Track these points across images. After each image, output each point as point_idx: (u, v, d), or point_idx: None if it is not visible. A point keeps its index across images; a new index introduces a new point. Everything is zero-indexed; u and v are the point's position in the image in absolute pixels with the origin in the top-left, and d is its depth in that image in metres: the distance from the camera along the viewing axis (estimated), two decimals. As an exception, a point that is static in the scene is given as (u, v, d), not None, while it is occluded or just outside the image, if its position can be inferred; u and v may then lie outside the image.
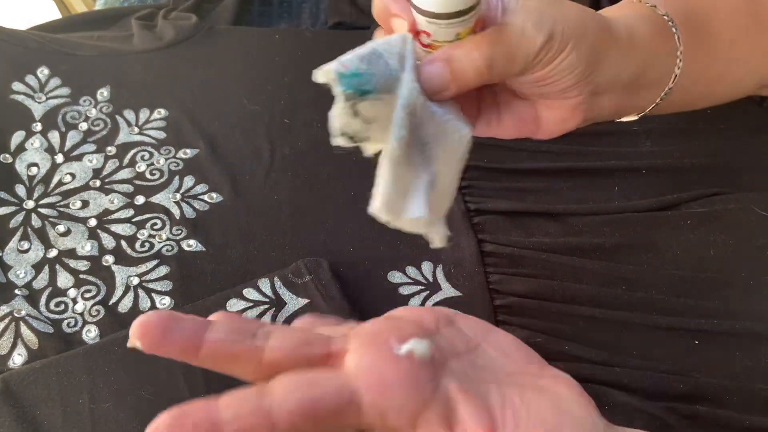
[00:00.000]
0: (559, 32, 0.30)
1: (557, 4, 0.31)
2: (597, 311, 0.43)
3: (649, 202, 0.49)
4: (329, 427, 0.23)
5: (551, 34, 0.30)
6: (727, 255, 0.46)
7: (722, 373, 0.41)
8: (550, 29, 0.30)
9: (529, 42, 0.29)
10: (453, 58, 0.29)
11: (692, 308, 0.44)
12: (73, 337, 0.42)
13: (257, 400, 0.22)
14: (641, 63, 0.34)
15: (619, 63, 0.33)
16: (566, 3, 0.31)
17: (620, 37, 0.33)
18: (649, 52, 0.35)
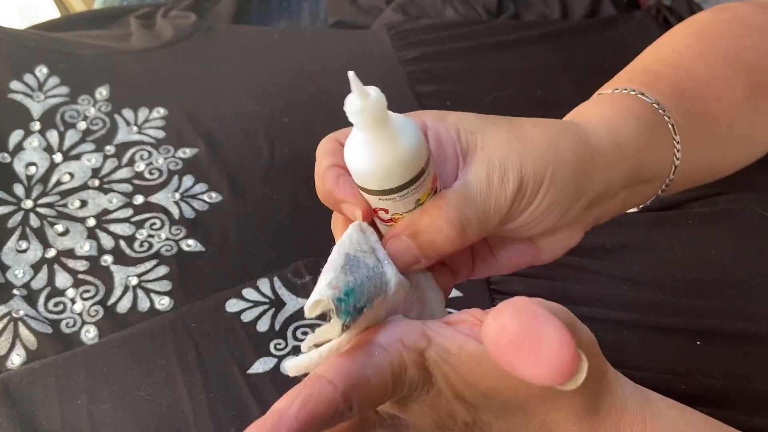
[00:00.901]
0: (530, 174, 0.27)
1: (521, 140, 0.27)
2: (598, 312, 0.43)
3: (651, 202, 0.48)
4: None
5: (521, 181, 0.26)
6: (729, 255, 0.46)
7: (723, 374, 0.41)
8: (519, 176, 0.26)
9: (498, 196, 0.26)
10: (419, 232, 0.26)
11: (693, 308, 0.43)
12: (72, 337, 0.42)
13: None
14: (633, 166, 0.31)
15: (607, 176, 0.30)
16: (531, 135, 0.28)
17: (604, 150, 0.29)
18: (640, 153, 0.31)
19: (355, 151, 0.24)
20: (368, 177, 0.25)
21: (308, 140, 0.53)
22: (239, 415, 0.38)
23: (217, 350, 0.40)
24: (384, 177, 0.24)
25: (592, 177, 0.29)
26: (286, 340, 0.41)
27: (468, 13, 0.65)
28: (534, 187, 0.27)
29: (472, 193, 0.26)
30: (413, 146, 0.24)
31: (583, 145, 0.29)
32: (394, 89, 0.56)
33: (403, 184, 0.25)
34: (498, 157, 0.26)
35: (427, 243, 0.26)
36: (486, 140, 0.27)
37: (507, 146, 0.27)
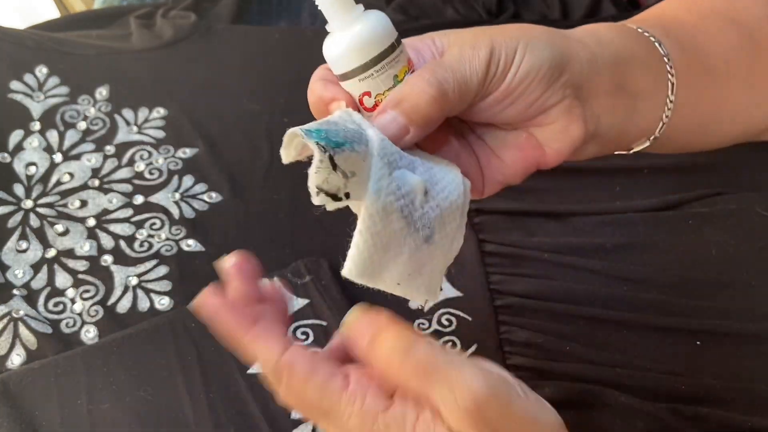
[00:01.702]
0: (501, 43, 0.28)
1: (492, 27, 0.29)
2: (598, 311, 0.43)
3: (651, 202, 0.48)
4: None
5: (492, 47, 0.28)
6: (729, 255, 0.46)
7: (724, 374, 0.41)
8: (489, 43, 0.28)
9: (472, 60, 0.28)
10: (401, 99, 0.27)
11: (694, 309, 0.43)
12: (72, 337, 0.42)
13: None
14: (616, 60, 0.31)
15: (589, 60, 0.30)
16: (503, 25, 0.30)
17: (581, 40, 0.31)
18: (624, 52, 0.32)
19: (330, 41, 0.27)
20: (343, 57, 0.27)
21: (308, 140, 0.53)
22: (239, 414, 0.38)
23: (217, 350, 0.40)
24: (356, 52, 0.27)
25: (570, 56, 0.29)
26: (287, 340, 0.41)
27: (468, 13, 0.65)
28: (508, 54, 0.28)
29: (448, 61, 0.28)
30: (378, 21, 0.27)
31: (555, 32, 0.30)
32: (394, 89, 0.56)
33: (376, 56, 0.27)
34: (469, 36, 0.29)
35: (411, 109, 0.27)
36: (459, 36, 0.29)
37: (478, 31, 0.29)
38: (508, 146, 0.32)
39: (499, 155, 0.32)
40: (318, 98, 0.29)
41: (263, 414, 0.38)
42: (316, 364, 0.25)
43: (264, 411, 0.38)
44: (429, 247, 0.27)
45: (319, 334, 0.41)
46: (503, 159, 0.32)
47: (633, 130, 0.34)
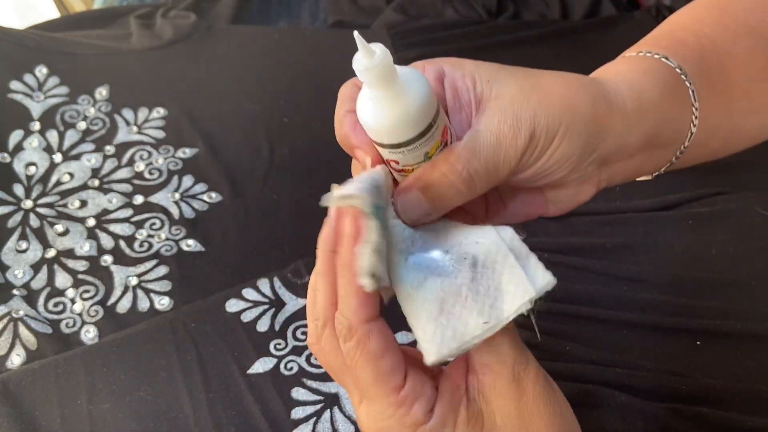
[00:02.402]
0: (543, 127, 0.26)
1: (537, 91, 0.27)
2: (598, 311, 0.43)
3: (651, 203, 0.48)
4: None
5: (533, 133, 0.26)
6: (729, 255, 0.46)
7: (724, 374, 0.41)
8: (531, 127, 0.26)
9: (509, 148, 0.26)
10: (428, 185, 0.27)
11: (694, 309, 0.43)
12: (72, 337, 0.42)
13: None
14: (652, 127, 0.31)
15: (624, 134, 0.29)
16: (547, 86, 0.27)
17: (623, 108, 0.29)
18: (661, 114, 0.31)
19: (365, 107, 0.25)
20: (377, 132, 0.26)
21: (308, 140, 0.53)
22: (239, 414, 0.38)
23: (217, 350, 0.40)
24: (392, 132, 0.25)
25: (607, 133, 0.29)
26: (286, 340, 0.41)
27: (468, 13, 0.65)
28: (546, 140, 0.27)
29: (482, 145, 0.26)
30: (420, 102, 0.24)
31: (601, 101, 0.29)
32: (394, 89, 0.56)
33: (410, 139, 0.25)
34: (511, 108, 0.26)
35: (437, 196, 0.27)
36: (501, 90, 0.27)
37: (521, 97, 0.27)
38: (515, 199, 0.32)
39: (505, 203, 0.32)
40: (345, 137, 0.28)
41: (263, 414, 0.38)
42: (388, 349, 0.25)
43: (264, 411, 0.38)
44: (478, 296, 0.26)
45: (319, 334, 0.41)
46: (507, 207, 0.32)
47: (648, 169, 0.34)
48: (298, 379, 0.39)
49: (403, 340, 0.42)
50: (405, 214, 0.27)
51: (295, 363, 0.40)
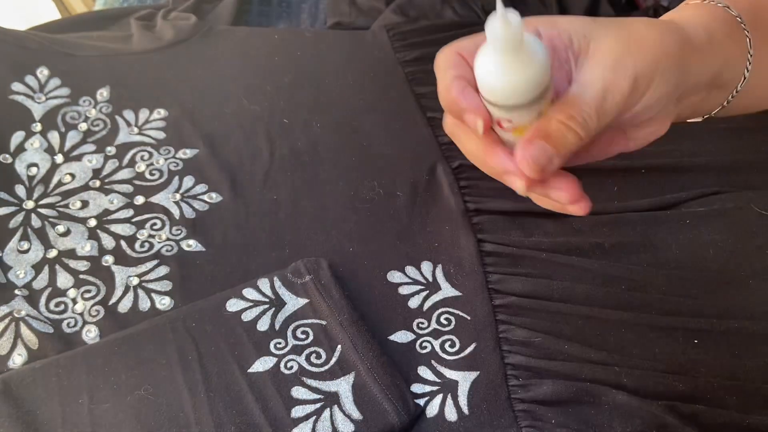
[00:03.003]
0: (642, 71, 0.29)
1: (632, 39, 0.30)
2: (596, 311, 0.43)
3: (649, 202, 0.49)
4: None
5: (635, 78, 0.29)
6: (727, 254, 0.46)
7: (722, 373, 0.41)
8: (633, 73, 0.29)
9: (615, 94, 0.29)
10: (549, 134, 0.29)
11: (692, 308, 0.44)
12: (73, 337, 0.42)
13: None
14: (720, 64, 0.34)
15: (700, 68, 0.32)
16: (640, 32, 0.30)
17: (700, 42, 0.33)
18: (726, 54, 0.34)
19: (489, 69, 0.27)
20: (500, 93, 0.28)
21: (308, 140, 0.53)
22: (239, 413, 0.38)
23: (217, 349, 0.40)
24: (515, 94, 0.27)
25: (689, 70, 0.32)
26: (286, 339, 0.41)
27: (467, 14, 0.66)
28: (646, 83, 0.29)
29: (592, 93, 0.29)
30: (543, 67, 0.27)
31: (687, 41, 0.31)
32: (393, 90, 0.57)
33: (533, 98, 0.27)
34: (612, 58, 0.29)
35: (560, 143, 0.29)
36: (598, 44, 0.30)
37: (620, 47, 0.29)
38: (600, 138, 0.34)
39: (588, 146, 0.34)
40: (453, 102, 0.30)
41: (263, 412, 0.38)
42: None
43: (264, 409, 0.38)
44: None
45: (319, 333, 0.41)
46: (593, 145, 0.34)
47: (705, 109, 0.37)
48: (298, 378, 0.39)
49: (403, 340, 0.43)
50: (534, 162, 0.29)
51: (295, 362, 0.40)
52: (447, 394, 0.40)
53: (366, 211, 0.49)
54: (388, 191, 0.50)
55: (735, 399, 0.40)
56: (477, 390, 0.40)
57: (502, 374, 0.40)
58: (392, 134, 0.54)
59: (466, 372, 0.40)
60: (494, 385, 0.40)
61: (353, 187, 0.50)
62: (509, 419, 0.38)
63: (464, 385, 0.40)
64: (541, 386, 0.39)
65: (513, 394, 0.39)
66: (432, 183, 0.50)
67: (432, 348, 0.42)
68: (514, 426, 0.38)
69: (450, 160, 0.52)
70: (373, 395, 0.38)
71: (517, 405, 0.39)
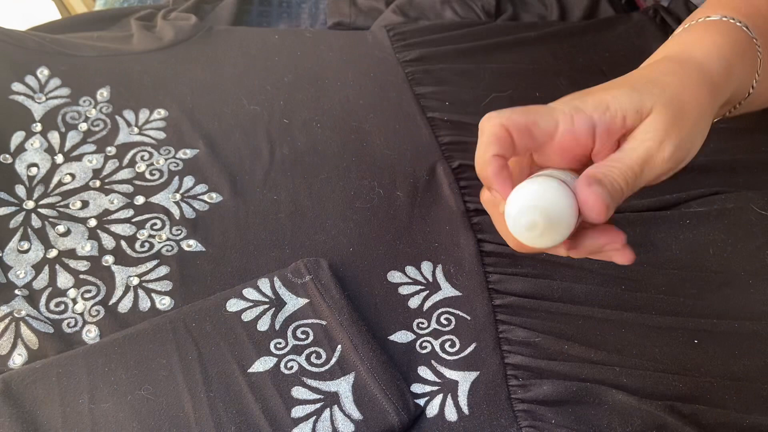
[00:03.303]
0: (685, 141, 0.31)
1: (677, 113, 0.31)
2: (596, 311, 0.43)
3: (649, 202, 0.49)
4: None
5: (675, 148, 0.31)
6: (726, 254, 0.46)
7: (721, 372, 0.41)
8: (675, 146, 0.31)
9: (655, 168, 0.31)
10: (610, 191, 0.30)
11: (691, 307, 0.44)
12: (73, 337, 0.42)
13: None
14: (733, 91, 0.35)
15: (720, 103, 0.34)
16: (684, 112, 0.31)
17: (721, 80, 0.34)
18: (739, 79, 0.35)
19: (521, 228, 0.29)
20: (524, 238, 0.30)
21: (308, 140, 0.53)
22: (239, 413, 0.38)
23: (217, 349, 0.40)
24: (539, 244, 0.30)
25: (717, 109, 0.34)
26: (286, 339, 0.41)
27: (467, 15, 0.66)
28: (686, 147, 0.32)
29: (634, 156, 0.31)
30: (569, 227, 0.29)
31: (713, 88, 0.33)
32: (393, 90, 0.57)
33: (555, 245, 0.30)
34: (655, 128, 0.31)
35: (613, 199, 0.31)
36: (649, 122, 0.31)
37: (664, 119, 0.31)
38: None
39: None
40: (487, 179, 0.31)
41: (263, 412, 0.38)
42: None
43: (264, 409, 0.38)
44: None
45: (319, 333, 0.41)
46: None
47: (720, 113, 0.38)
48: (298, 378, 0.39)
49: (403, 340, 0.43)
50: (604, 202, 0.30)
51: (296, 362, 0.40)
52: (447, 394, 0.40)
53: (366, 210, 0.49)
54: (388, 191, 0.50)
55: (735, 399, 0.40)
56: (477, 390, 0.40)
57: (502, 374, 0.40)
58: (392, 134, 0.54)
59: (466, 372, 0.40)
60: (494, 385, 0.40)
61: (353, 187, 0.50)
62: (509, 419, 0.38)
63: (464, 385, 0.40)
64: (541, 386, 0.39)
65: (513, 394, 0.39)
66: (432, 183, 0.50)
67: (432, 348, 0.42)
68: (514, 426, 0.38)
69: (450, 160, 0.52)
70: (373, 395, 0.38)
71: (517, 405, 0.39)
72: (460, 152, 0.52)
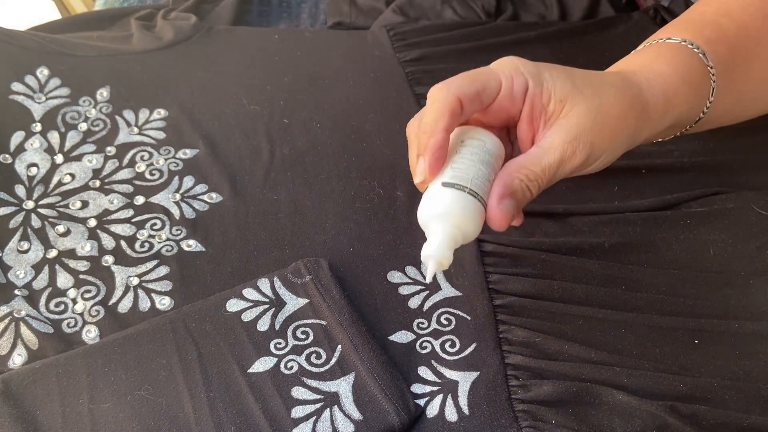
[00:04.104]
0: (598, 149, 0.33)
1: (598, 115, 0.32)
2: (596, 311, 0.43)
3: (649, 202, 0.49)
4: None
5: (588, 155, 0.33)
6: (727, 254, 0.46)
7: (722, 373, 0.41)
8: (589, 150, 0.32)
9: (566, 164, 0.33)
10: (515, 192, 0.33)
11: (692, 308, 0.44)
12: (73, 337, 0.42)
13: None
14: (671, 123, 0.36)
15: (654, 129, 0.36)
16: (606, 108, 0.33)
17: (656, 114, 0.35)
18: (685, 110, 0.36)
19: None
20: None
21: (308, 140, 0.53)
22: (239, 413, 0.38)
23: (217, 349, 0.40)
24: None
25: (639, 137, 0.35)
26: (286, 340, 0.41)
27: (467, 15, 0.66)
28: (597, 157, 0.33)
29: (549, 161, 0.33)
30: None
31: (643, 114, 0.34)
32: (393, 90, 0.57)
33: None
34: (576, 131, 0.32)
35: (521, 199, 0.33)
36: (569, 111, 0.32)
37: (585, 122, 0.32)
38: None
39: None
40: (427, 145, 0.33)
41: (263, 413, 0.38)
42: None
43: (264, 410, 0.38)
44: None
45: (319, 333, 0.41)
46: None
47: (656, 138, 0.40)
48: (298, 378, 0.39)
49: (403, 340, 0.43)
50: (508, 216, 0.33)
51: (296, 362, 0.40)
52: (447, 394, 0.40)
53: (366, 211, 0.49)
54: (388, 191, 0.50)
55: (735, 399, 0.40)
56: (477, 390, 0.40)
57: (502, 374, 0.40)
58: (392, 134, 0.54)
59: (467, 372, 0.40)
60: (494, 385, 0.40)
61: (353, 187, 0.50)
62: (509, 419, 0.38)
63: (464, 385, 0.40)
64: (541, 386, 0.39)
65: (513, 394, 0.39)
66: (432, 183, 0.50)
67: (432, 348, 0.42)
68: (514, 426, 0.38)
69: (450, 160, 0.52)
70: (374, 395, 0.38)
71: (517, 405, 0.39)
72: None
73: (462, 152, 0.34)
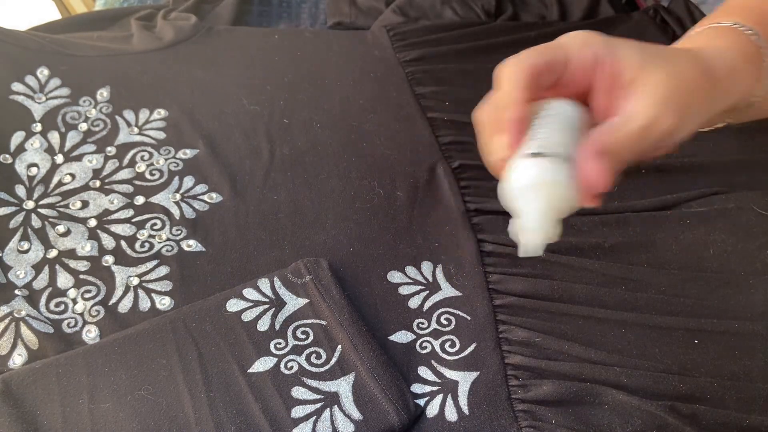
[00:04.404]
0: (680, 118, 0.31)
1: (681, 80, 0.31)
2: (596, 311, 0.43)
3: (649, 202, 0.49)
4: None
5: (672, 124, 0.31)
6: (727, 254, 0.46)
7: (722, 372, 0.41)
8: (679, 114, 0.31)
9: (654, 131, 0.31)
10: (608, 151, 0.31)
11: (691, 308, 0.44)
12: (73, 337, 0.42)
13: None
14: (737, 98, 0.36)
15: (722, 103, 0.35)
16: (687, 74, 0.32)
17: (724, 85, 0.34)
18: (743, 86, 0.36)
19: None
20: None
21: (308, 140, 0.53)
22: (239, 413, 0.38)
23: (217, 349, 0.40)
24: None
25: (716, 106, 0.35)
26: (286, 340, 0.41)
27: (467, 15, 0.66)
28: (680, 124, 0.32)
29: (635, 127, 0.31)
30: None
31: (717, 85, 0.34)
32: (393, 90, 0.57)
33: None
34: (660, 95, 0.31)
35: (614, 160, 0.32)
36: (650, 77, 0.31)
37: (670, 84, 0.31)
38: None
39: None
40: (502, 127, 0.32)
41: (263, 413, 0.38)
42: None
43: (264, 410, 0.38)
44: None
45: (319, 333, 0.41)
46: None
47: (711, 124, 0.39)
48: (298, 378, 0.39)
49: (403, 340, 0.43)
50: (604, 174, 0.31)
51: (296, 362, 0.40)
52: (447, 394, 0.40)
53: (366, 211, 0.49)
54: (388, 191, 0.50)
55: (735, 399, 0.40)
56: (477, 390, 0.40)
57: (502, 374, 0.40)
58: (392, 134, 0.54)
59: (466, 372, 0.40)
60: (494, 385, 0.40)
61: (353, 187, 0.50)
62: (509, 419, 0.38)
63: (464, 385, 0.40)
64: (541, 386, 0.39)
65: (513, 394, 0.39)
66: (432, 183, 0.50)
67: (432, 348, 0.42)
68: (514, 426, 0.38)
69: (450, 160, 0.52)
70: (373, 395, 0.38)
71: (517, 405, 0.39)
72: (460, 152, 0.52)
73: (541, 123, 0.31)
